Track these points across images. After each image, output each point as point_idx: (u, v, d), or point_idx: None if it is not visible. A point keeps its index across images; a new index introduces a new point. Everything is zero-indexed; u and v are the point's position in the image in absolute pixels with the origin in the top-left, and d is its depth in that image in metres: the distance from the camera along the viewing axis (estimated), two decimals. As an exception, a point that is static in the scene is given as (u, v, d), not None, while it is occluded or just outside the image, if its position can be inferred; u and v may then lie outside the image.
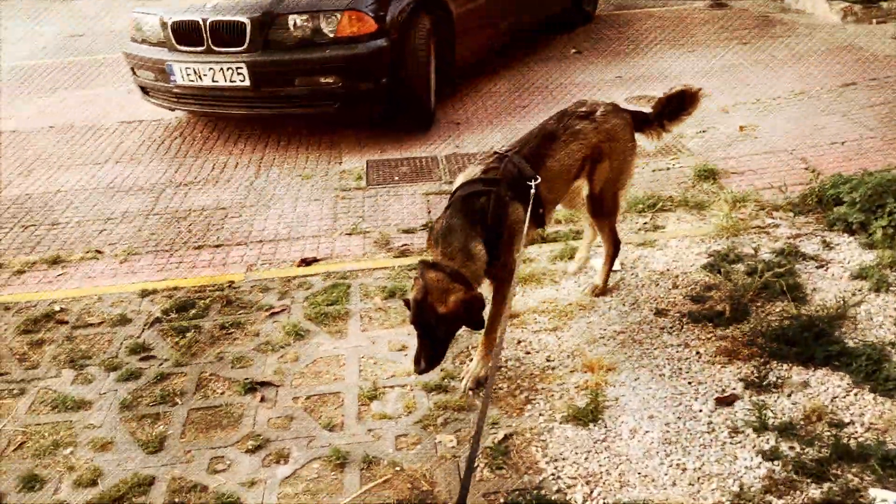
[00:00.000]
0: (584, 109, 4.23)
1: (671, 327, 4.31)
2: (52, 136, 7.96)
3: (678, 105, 4.41)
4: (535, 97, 8.30)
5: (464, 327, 3.72)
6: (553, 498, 3.27)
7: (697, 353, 4.08)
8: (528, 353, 4.21)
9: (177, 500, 3.40)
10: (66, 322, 4.72)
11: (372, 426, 3.75)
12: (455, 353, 4.20)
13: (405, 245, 5.41)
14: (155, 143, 7.62)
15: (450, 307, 3.51)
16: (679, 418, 3.67)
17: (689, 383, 3.88)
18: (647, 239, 5.23)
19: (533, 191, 3.83)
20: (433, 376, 3.97)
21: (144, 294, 4.93)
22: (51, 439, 3.79)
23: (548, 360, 4.12)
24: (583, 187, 4.32)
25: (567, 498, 3.28)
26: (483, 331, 3.87)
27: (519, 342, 4.29)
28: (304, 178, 6.68)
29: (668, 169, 6.37)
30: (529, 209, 3.82)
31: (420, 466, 3.50)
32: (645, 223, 5.49)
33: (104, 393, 4.09)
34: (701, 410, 3.70)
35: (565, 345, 4.23)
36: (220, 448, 3.67)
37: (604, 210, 4.36)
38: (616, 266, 4.83)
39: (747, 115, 7.42)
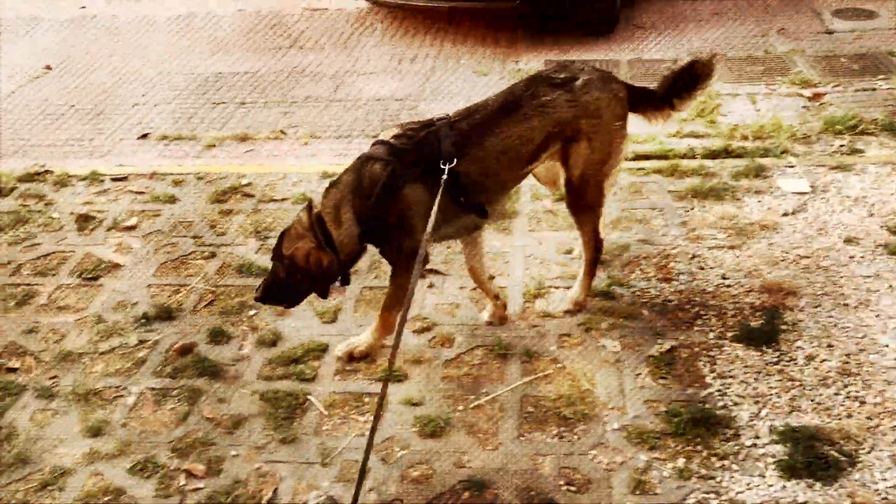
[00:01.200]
0: (561, 75, 3.50)
1: (862, 257, 4.02)
2: (241, 20, 8.27)
3: (690, 80, 3.66)
4: (729, 3, 7.74)
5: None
6: (717, 413, 3.20)
7: (890, 286, 3.80)
8: (701, 268, 4.06)
9: (347, 367, 3.60)
10: (252, 196, 5.00)
11: (535, 323, 3.78)
12: (624, 262, 4.13)
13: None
14: (337, 32, 7.77)
15: (292, 253, 3.28)
16: (862, 350, 3.46)
17: (878, 316, 3.63)
18: (843, 162, 4.84)
19: (445, 175, 3.24)
20: (601, 282, 3.94)
21: (325, 176, 5.12)
22: (237, 300, 4.09)
23: (723, 278, 3.96)
24: (558, 172, 3.68)
25: (732, 415, 3.20)
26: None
27: (693, 257, 4.14)
28: (479, 74, 6.63)
29: (874, 90, 5.82)
30: (439, 194, 3.20)
31: (581, 366, 3.51)
32: (842, 146, 5.07)
33: (285, 264, 4.34)
34: (888, 346, 3.47)
35: (743, 264, 4.05)
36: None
37: (583, 202, 3.64)
38: (804, 187, 4.52)
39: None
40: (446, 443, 3.19)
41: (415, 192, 3.29)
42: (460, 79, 6.58)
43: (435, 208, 3.15)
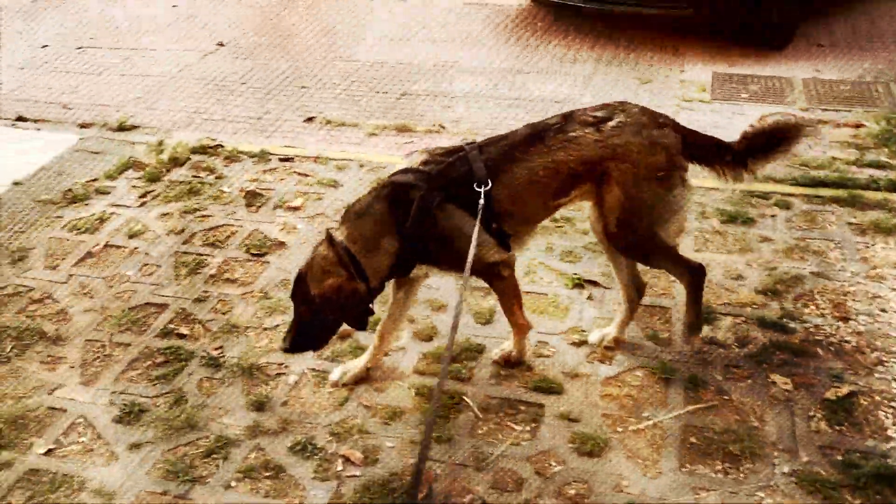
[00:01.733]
0: (598, 114, 3.30)
1: None
2: (404, 12, 8.36)
3: (772, 141, 3.33)
4: (918, 25, 7.24)
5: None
6: (902, 471, 2.99)
7: None
8: (883, 310, 3.80)
9: (502, 372, 3.58)
10: (411, 187, 5.04)
11: (700, 349, 3.64)
12: (797, 295, 3.91)
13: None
14: (497, 28, 7.75)
15: (322, 290, 3.13)
16: None
17: None
18: None
19: (482, 199, 3.14)
20: (772, 313, 3.75)
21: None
22: (394, 291, 4.13)
23: (909, 323, 3.70)
24: (596, 216, 3.44)
25: (919, 476, 2.97)
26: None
27: (874, 297, 3.88)
28: (642, 81, 6.46)
29: None
30: (479, 214, 3.13)
31: (750, 401, 3.35)
32: None
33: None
34: None
35: (933, 310, 3.77)
36: (545, 334, 3.77)
37: (636, 249, 3.44)
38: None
39: None
40: (605, 464, 3.11)
41: (451, 215, 3.20)
42: (621, 85, 6.43)
43: (477, 226, 3.10)
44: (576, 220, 4.57)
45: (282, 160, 5.43)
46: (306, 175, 5.21)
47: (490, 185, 3.17)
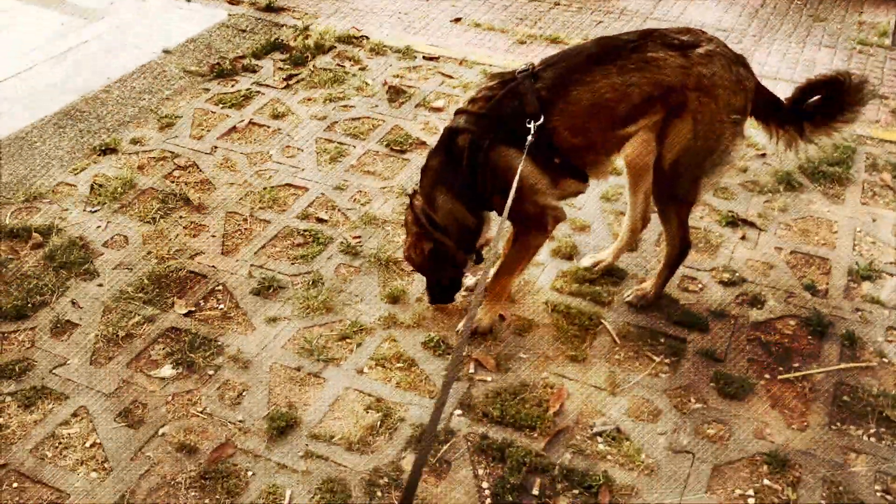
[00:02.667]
0: (683, 37, 2.90)
1: None
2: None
3: (833, 101, 2.95)
4: None
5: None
6: None
7: None
8: None
9: (642, 304, 3.43)
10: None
11: (860, 307, 3.39)
12: (975, 263, 3.60)
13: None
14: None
15: (409, 254, 3.18)
16: None
17: None
18: None
19: (532, 135, 2.81)
20: (947, 279, 3.46)
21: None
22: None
23: None
24: (649, 149, 3.06)
25: None
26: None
27: None
28: (815, 19, 5.96)
29: None
30: (524, 154, 2.83)
31: (913, 368, 3.12)
32: None
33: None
34: None
35: None
36: (694, 269, 3.59)
37: (671, 193, 3.09)
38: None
39: None
40: (747, 409, 2.96)
41: (504, 156, 2.90)
42: (792, 20, 5.95)
43: (521, 166, 2.80)
44: (733, 156, 4.30)
45: (427, 59, 5.29)
46: (450, 77, 5.07)
47: (542, 118, 2.84)
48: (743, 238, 3.77)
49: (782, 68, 5.24)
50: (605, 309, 3.40)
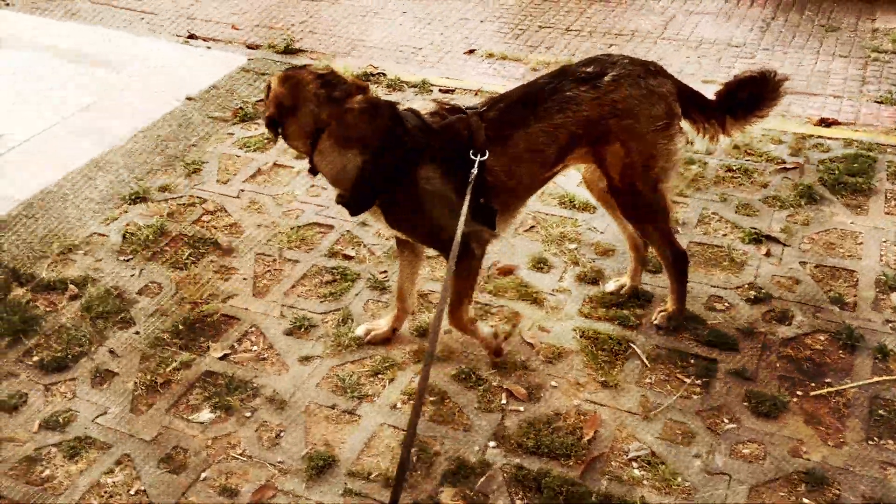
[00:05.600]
0: (589, 69, 3.02)
1: None
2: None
3: (752, 96, 3.11)
4: None
5: None
6: None
7: None
8: None
9: (672, 325, 3.45)
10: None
11: (891, 318, 3.39)
12: None
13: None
14: (667, -34, 7.36)
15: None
16: None
17: None
18: None
19: (475, 169, 2.83)
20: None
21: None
22: (558, 230, 4.04)
23: None
24: (599, 174, 3.20)
25: None
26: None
27: None
28: (827, 29, 5.99)
29: None
30: (469, 187, 2.81)
31: (947, 379, 3.10)
32: None
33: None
34: None
35: None
36: (720, 288, 3.60)
37: (636, 209, 3.18)
38: None
39: None
40: (781, 427, 2.96)
41: (430, 175, 2.91)
42: (804, 31, 5.99)
43: (467, 200, 2.79)
44: (753, 172, 4.32)
45: (443, 91, 5.38)
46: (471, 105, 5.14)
47: (486, 155, 2.89)
48: (767, 254, 3.79)
49: (797, 80, 5.27)
50: (634, 332, 3.42)
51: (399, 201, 2.96)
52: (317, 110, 2.88)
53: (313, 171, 3.01)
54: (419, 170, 2.91)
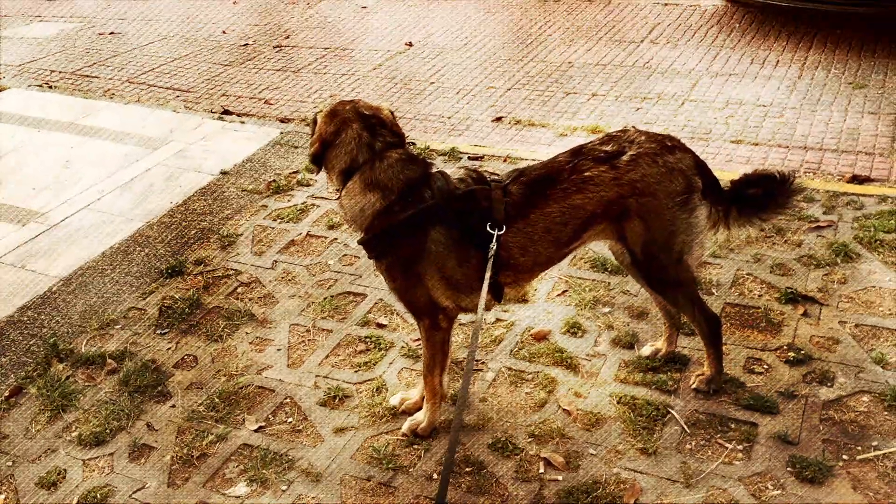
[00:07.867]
0: (607, 148, 3.01)
1: None
2: (592, 10, 8.22)
3: (764, 195, 3.10)
4: None
5: None
6: None
7: None
8: None
9: (712, 388, 3.39)
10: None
11: (937, 377, 3.31)
12: None
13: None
14: (691, 29, 7.46)
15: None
16: None
17: None
18: None
19: (494, 244, 2.86)
20: None
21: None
22: (591, 294, 4.03)
23: None
24: (620, 248, 3.19)
25: None
26: None
27: None
28: (855, 86, 6.00)
29: None
30: (489, 262, 2.86)
31: None
32: None
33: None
34: None
35: None
36: (758, 350, 3.55)
37: (663, 278, 3.14)
38: None
39: None
40: (828, 493, 2.87)
41: (440, 238, 2.96)
42: (832, 89, 6.00)
43: (487, 275, 2.83)
44: (787, 232, 4.29)
45: (472, 158, 5.45)
46: (496, 174, 5.19)
47: (503, 229, 2.93)
48: (805, 314, 3.73)
49: (826, 138, 5.26)
50: (672, 397, 3.37)
51: (401, 253, 3.01)
52: (356, 152, 3.00)
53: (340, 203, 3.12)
54: (432, 230, 2.96)
